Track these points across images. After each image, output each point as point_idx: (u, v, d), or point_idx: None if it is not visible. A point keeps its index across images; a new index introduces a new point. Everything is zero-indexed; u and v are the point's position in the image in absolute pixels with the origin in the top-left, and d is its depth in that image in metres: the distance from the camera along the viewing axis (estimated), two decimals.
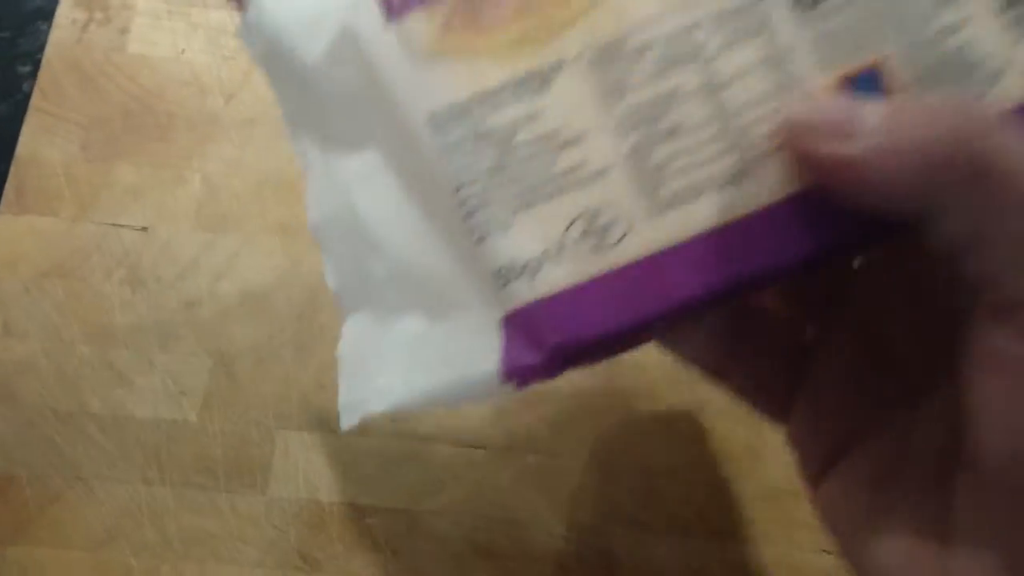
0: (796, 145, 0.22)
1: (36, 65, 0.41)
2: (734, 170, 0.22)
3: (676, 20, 0.23)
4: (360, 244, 0.25)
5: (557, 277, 0.21)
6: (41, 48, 0.41)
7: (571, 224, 0.22)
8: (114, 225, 0.39)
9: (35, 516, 0.36)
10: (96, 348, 0.37)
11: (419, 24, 0.24)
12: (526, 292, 0.21)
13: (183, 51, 0.41)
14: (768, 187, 0.22)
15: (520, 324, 0.22)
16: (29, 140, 0.40)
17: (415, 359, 0.25)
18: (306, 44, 0.25)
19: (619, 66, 0.23)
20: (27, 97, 0.40)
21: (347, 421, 0.25)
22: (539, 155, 0.22)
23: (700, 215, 0.21)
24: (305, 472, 0.34)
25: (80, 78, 0.40)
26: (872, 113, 0.20)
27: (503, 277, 0.22)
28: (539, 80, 0.23)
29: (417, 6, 0.24)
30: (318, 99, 0.26)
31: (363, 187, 0.25)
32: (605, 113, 0.22)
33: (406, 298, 0.25)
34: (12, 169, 0.39)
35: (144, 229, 0.39)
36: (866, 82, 0.22)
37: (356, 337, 0.27)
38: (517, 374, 0.21)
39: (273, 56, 0.26)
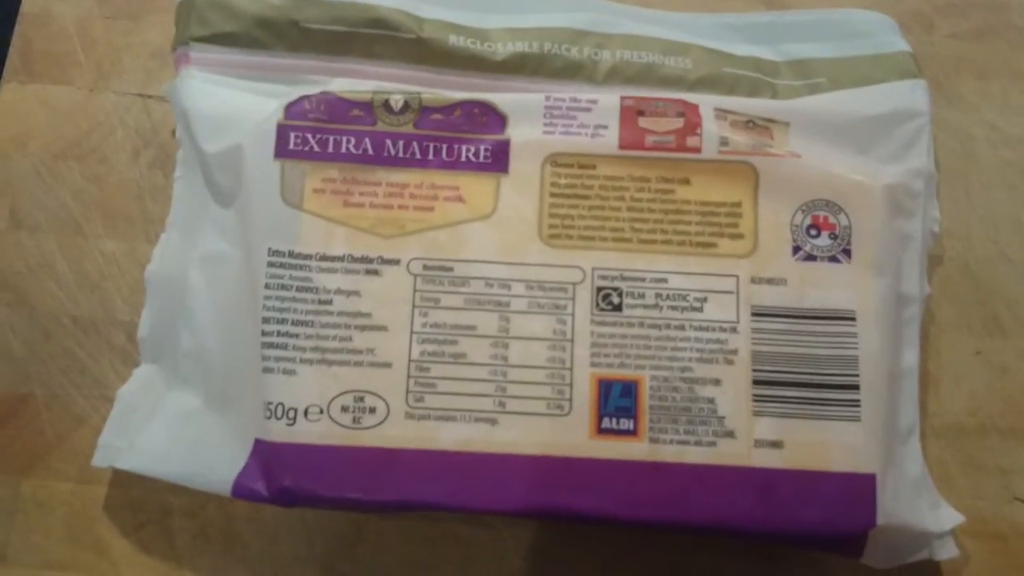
0: None
1: None
2: (488, 412, 0.29)
3: (498, 270, 0.29)
4: (179, 310, 0.30)
5: (309, 432, 0.28)
6: None
7: (341, 394, 0.28)
8: (141, 95, 0.35)
9: (54, 444, 0.32)
10: (123, 244, 0.33)
11: (300, 174, 0.29)
12: (280, 432, 0.28)
13: None
14: (507, 439, 0.28)
15: (263, 456, 0.28)
16: None
17: (177, 434, 0.29)
18: (206, 137, 0.31)
19: (439, 286, 0.29)
20: None
21: (99, 460, 0.30)
22: (343, 327, 0.29)
23: (445, 435, 0.29)
24: None
25: None
26: None
27: (269, 410, 0.28)
28: (373, 266, 0.29)
29: (306, 159, 0.29)
30: (203, 177, 0.31)
31: (204, 267, 0.30)
32: (411, 318, 0.29)
33: (195, 375, 0.30)
34: (17, 29, 0.35)
35: None
36: (623, 391, 0.28)
37: (141, 384, 0.31)
38: (245, 495, 0.28)
39: (183, 120, 0.31)
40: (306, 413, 0.28)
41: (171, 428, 0.30)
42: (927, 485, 0.30)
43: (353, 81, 0.31)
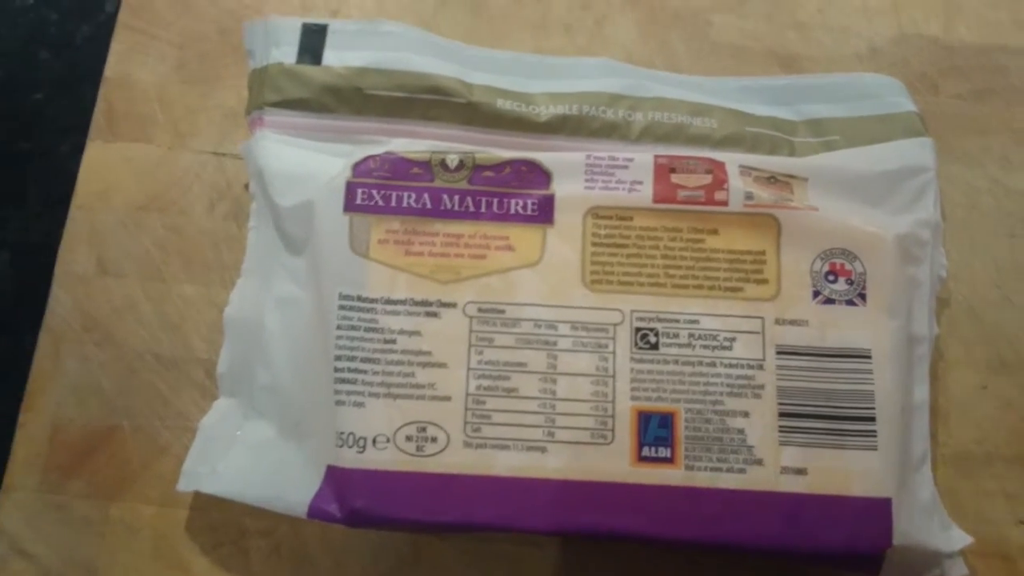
0: None
1: None
2: (538, 441, 0.31)
3: (545, 312, 0.32)
4: (256, 349, 0.33)
5: (377, 459, 0.31)
6: None
7: (405, 425, 0.31)
8: (215, 153, 0.38)
9: (140, 471, 0.34)
10: (200, 288, 0.36)
11: (366, 226, 0.32)
12: (351, 459, 0.31)
13: None
14: (555, 466, 0.31)
15: (336, 480, 0.31)
16: (118, 61, 0.38)
17: (255, 461, 0.32)
18: (279, 192, 0.34)
19: (492, 327, 0.32)
20: (110, 17, 0.40)
21: (183, 485, 0.33)
22: (406, 364, 0.32)
23: (499, 462, 0.31)
24: None
25: None
26: None
27: (341, 439, 0.31)
28: (432, 308, 0.32)
29: (371, 213, 0.32)
30: (276, 228, 0.34)
31: (277, 310, 0.34)
32: (467, 356, 0.32)
33: (270, 408, 0.33)
34: (101, 92, 0.38)
35: None
36: (660, 422, 0.31)
37: (221, 416, 0.34)
38: (320, 517, 0.31)
39: (257, 176, 0.34)
40: (374, 442, 0.31)
41: (249, 456, 0.33)
42: (938, 509, 0.32)
43: (411, 141, 0.35)
